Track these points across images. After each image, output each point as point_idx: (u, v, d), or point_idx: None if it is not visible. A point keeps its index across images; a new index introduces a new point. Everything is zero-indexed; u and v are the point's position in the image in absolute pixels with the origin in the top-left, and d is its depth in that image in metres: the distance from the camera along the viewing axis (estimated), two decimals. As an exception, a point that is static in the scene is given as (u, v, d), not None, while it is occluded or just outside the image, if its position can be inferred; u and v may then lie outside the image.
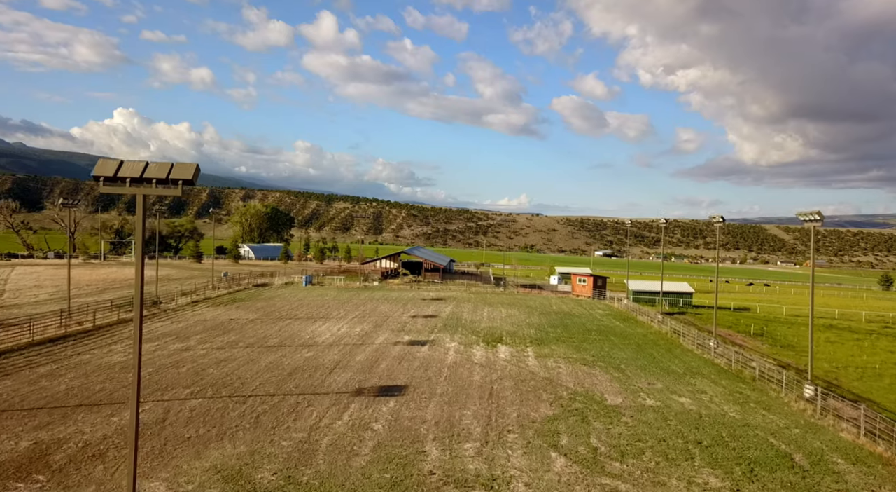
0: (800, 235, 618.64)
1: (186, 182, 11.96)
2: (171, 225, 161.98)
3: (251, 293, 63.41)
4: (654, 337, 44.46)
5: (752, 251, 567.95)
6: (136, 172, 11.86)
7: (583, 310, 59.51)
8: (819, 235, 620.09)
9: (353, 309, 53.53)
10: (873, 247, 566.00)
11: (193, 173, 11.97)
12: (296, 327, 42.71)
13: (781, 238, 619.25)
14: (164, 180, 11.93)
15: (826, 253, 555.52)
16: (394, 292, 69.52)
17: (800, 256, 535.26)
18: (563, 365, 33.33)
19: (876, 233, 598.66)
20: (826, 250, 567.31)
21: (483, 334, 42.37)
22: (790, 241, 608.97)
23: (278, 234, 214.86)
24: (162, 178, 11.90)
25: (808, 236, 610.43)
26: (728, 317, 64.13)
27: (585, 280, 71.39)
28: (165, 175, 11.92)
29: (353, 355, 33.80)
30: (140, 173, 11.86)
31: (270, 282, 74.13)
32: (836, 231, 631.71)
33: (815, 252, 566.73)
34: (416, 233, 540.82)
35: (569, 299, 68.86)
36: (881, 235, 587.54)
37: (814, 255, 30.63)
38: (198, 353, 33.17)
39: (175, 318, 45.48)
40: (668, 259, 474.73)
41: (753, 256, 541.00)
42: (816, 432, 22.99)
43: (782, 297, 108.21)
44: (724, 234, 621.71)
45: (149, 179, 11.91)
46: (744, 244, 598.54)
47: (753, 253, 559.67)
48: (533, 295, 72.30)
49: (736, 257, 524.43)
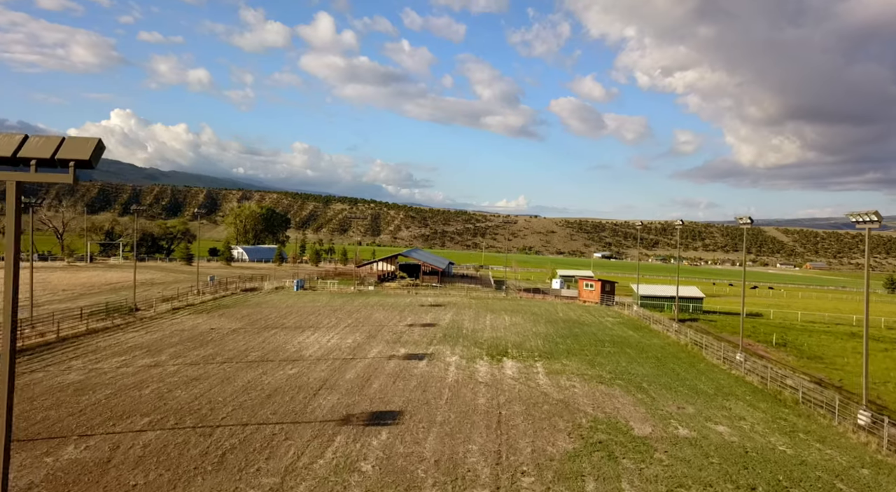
0: (798, 237, 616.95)
1: (82, 164, 8.34)
2: (163, 226, 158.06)
3: (238, 299, 59.66)
4: (672, 349, 40.86)
5: (750, 253, 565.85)
6: (7, 150, 8.23)
7: (592, 317, 55.90)
8: (818, 237, 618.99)
9: (345, 317, 49.86)
10: (872, 249, 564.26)
11: (92, 152, 8.33)
12: (281, 338, 39.05)
13: (780, 240, 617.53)
14: (48, 161, 8.29)
15: (825, 255, 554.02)
16: (390, 298, 65.89)
17: (798, 259, 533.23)
18: (578, 384, 29.73)
19: (875, 235, 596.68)
20: (825, 253, 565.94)
21: (486, 346, 38.77)
22: (789, 243, 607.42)
23: (274, 235, 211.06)
24: (46, 157, 8.26)
25: (806, 238, 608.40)
26: (736, 322, 60.66)
27: (592, 285, 67.67)
28: (51, 154, 8.28)
29: (342, 372, 30.16)
30: (13, 151, 8.22)
31: (260, 286, 70.38)
32: (834, 233, 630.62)
33: (815, 254, 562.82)
34: (415, 234, 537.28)
35: (576, 306, 65.34)
36: (880, 238, 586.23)
37: (868, 260, 27.06)
38: (167, 370, 29.49)
39: (151, 327, 41.77)
40: (666, 261, 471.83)
41: (752, 257, 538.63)
42: (890, 474, 19.42)
43: (791, 301, 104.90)
44: (722, 236, 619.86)
45: (26, 159, 8.26)
46: (742, 246, 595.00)
47: (752, 255, 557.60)
48: (537, 301, 68.75)
49: (735, 259, 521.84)
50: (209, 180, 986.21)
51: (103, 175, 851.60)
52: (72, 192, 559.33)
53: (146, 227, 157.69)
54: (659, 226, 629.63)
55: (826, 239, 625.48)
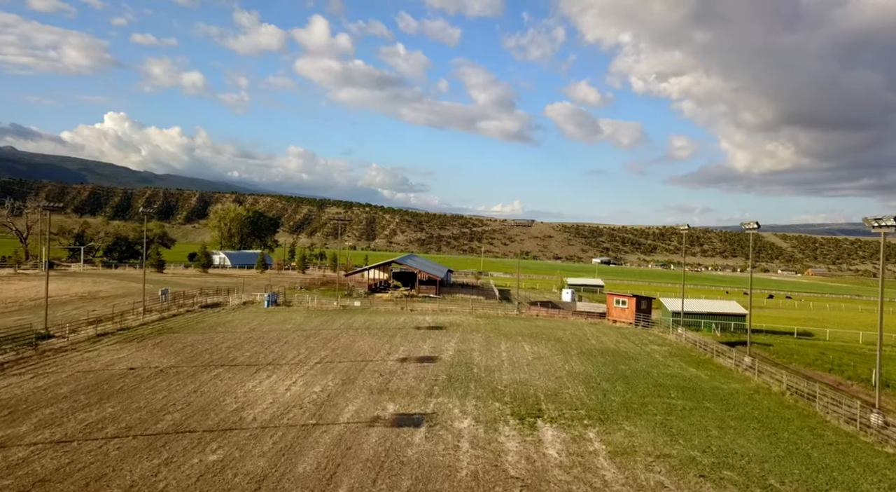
0: (797, 243, 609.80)
1: None
2: (138, 230, 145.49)
3: (190, 319, 48.32)
4: (767, 401, 29.47)
5: (748, 259, 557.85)
6: None
7: (633, 346, 44.74)
8: (817, 243, 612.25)
9: (319, 346, 38.72)
10: (871, 255, 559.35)
11: None
12: (222, 386, 27.95)
13: (779, 246, 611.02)
14: None
15: (824, 261, 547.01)
16: (380, 316, 54.67)
17: (797, 264, 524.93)
18: (668, 479, 18.76)
19: (874, 241, 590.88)
20: (824, 259, 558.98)
21: (510, 398, 27.79)
22: (788, 248, 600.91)
23: (261, 239, 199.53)
24: None
25: (805, 244, 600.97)
26: (794, 346, 49.96)
27: (625, 302, 56.18)
28: None
29: (293, 460, 19.14)
30: None
31: (225, 301, 58.89)
32: (833, 239, 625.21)
33: (814, 260, 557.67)
34: (410, 239, 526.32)
35: (605, 327, 54.34)
36: (878, 244, 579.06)
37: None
38: (11, 458, 18.39)
39: (49, 366, 30.59)
40: (666, 267, 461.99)
41: (752, 263, 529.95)
42: None
43: (822, 314, 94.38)
44: (721, 241, 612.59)
45: None
46: (741, 252, 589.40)
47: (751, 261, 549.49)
48: (557, 320, 57.67)
49: (734, 265, 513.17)
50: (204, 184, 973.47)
51: (98, 178, 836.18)
52: (62, 194, 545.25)
53: (120, 230, 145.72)
54: (657, 231, 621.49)
55: (825, 245, 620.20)
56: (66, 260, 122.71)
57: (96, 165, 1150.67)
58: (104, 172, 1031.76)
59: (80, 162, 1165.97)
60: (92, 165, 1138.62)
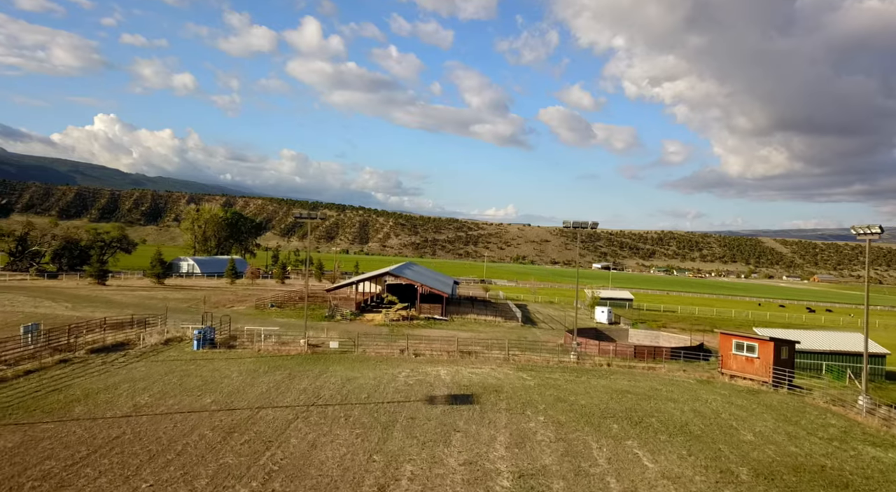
0: (797, 248, 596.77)
1: None
2: (93, 232, 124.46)
3: (45, 383, 28.85)
4: None
5: (749, 264, 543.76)
6: None
7: (820, 443, 24.72)
8: (817, 248, 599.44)
9: (242, 468, 19.77)
10: (872, 261, 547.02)
11: None
12: None
13: (779, 251, 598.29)
14: None
15: (825, 267, 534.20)
16: (368, 368, 35.55)
17: (799, 270, 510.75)
18: None
19: (875, 247, 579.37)
20: (825, 264, 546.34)
21: None
22: (787, 254, 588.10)
23: (241, 243, 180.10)
24: None
25: (805, 249, 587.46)
26: None
27: (753, 348, 34.61)
28: None
29: None
30: None
31: (137, 338, 39.20)
32: (833, 245, 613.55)
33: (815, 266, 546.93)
34: (404, 242, 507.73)
35: (728, 389, 33.29)
36: (880, 249, 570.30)
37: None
38: None
39: None
40: (668, 272, 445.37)
41: (753, 269, 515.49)
42: None
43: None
44: (720, 246, 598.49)
45: None
46: (741, 257, 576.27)
47: (752, 266, 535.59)
48: (644, 376, 37.92)
49: (735, 271, 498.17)
50: (196, 186, 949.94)
51: (88, 180, 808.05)
52: (46, 196, 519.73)
53: (71, 232, 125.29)
54: (655, 236, 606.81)
55: (826, 250, 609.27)
56: (5, 267, 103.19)
57: (87, 167, 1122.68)
58: (95, 174, 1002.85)
59: (70, 164, 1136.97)
60: (82, 167, 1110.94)
